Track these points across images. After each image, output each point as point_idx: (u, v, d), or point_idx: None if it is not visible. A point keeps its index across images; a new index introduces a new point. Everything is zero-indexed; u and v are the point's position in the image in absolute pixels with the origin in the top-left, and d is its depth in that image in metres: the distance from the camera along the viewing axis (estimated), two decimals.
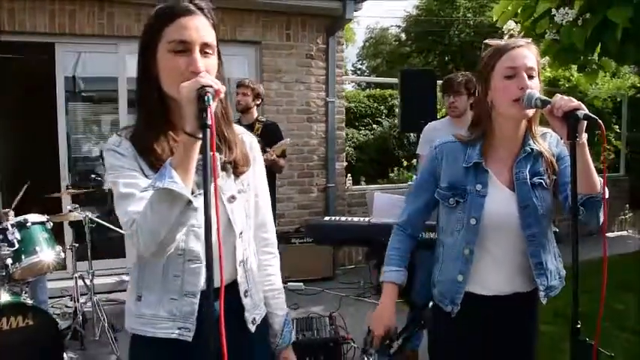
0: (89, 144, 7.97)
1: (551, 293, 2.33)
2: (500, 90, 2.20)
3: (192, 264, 1.80)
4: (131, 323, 1.87)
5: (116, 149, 1.78)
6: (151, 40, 1.75)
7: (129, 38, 6.81)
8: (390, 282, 2.44)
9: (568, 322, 2.29)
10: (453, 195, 2.33)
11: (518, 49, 2.20)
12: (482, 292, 2.33)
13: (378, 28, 34.81)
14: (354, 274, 7.32)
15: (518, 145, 2.30)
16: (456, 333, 2.40)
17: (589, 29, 4.96)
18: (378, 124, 14.20)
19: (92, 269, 5.26)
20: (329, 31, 7.91)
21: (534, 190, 2.26)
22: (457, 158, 2.34)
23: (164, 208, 1.58)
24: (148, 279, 1.84)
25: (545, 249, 2.31)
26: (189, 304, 1.81)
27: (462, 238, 2.31)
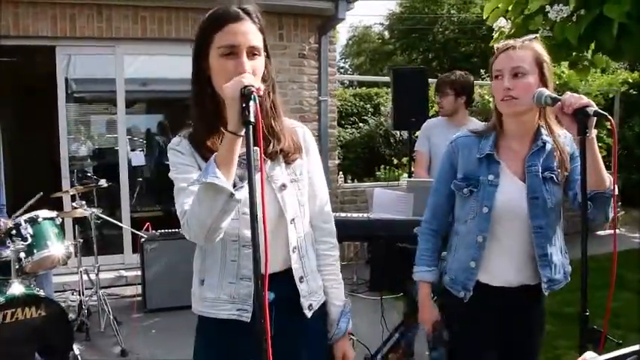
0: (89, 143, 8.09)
1: (554, 286, 2.40)
2: (493, 89, 2.40)
3: (247, 249, 1.90)
4: (197, 306, 2.03)
5: (176, 148, 1.94)
6: (203, 44, 1.89)
7: (126, 40, 6.99)
8: (424, 281, 2.60)
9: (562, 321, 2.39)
10: (467, 185, 2.43)
11: (506, 52, 2.33)
12: (490, 281, 2.42)
13: (362, 26, 34.69)
14: (347, 271, 7.31)
15: (531, 138, 2.39)
16: (470, 316, 2.48)
17: (583, 25, 4.89)
18: (364, 123, 14.19)
19: (98, 264, 5.41)
20: (321, 30, 7.97)
21: (545, 183, 2.34)
22: (471, 150, 2.44)
23: (209, 200, 1.71)
24: (208, 265, 1.99)
25: (551, 242, 2.38)
26: (246, 287, 1.94)
27: (476, 226, 2.40)
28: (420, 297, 2.62)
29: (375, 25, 34.64)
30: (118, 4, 6.88)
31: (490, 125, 2.48)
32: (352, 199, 8.55)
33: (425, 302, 2.61)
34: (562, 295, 2.47)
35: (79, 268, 5.42)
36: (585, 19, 4.83)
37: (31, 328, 4.10)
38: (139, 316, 5.87)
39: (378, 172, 11.92)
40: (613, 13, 4.63)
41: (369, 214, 4.06)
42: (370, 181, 10.97)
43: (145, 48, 7.38)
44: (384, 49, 31.26)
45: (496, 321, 2.45)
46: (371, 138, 13.68)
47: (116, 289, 6.66)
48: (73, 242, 5.18)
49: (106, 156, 8.36)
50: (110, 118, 7.96)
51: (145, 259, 6.02)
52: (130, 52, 7.32)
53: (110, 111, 7.84)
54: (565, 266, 2.46)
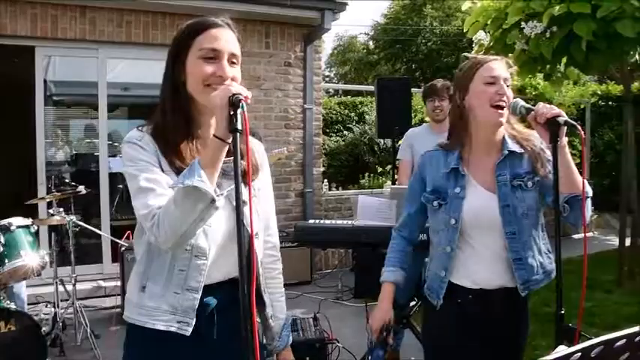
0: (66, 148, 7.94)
1: (531, 287, 2.44)
2: (479, 94, 2.36)
3: (198, 260, 1.86)
4: (131, 313, 1.93)
5: (138, 142, 1.85)
6: (181, 48, 1.87)
7: (110, 43, 6.86)
8: (385, 281, 2.63)
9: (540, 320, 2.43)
10: (436, 198, 2.48)
11: (497, 62, 2.40)
12: (469, 285, 2.45)
13: (347, 36, 34.96)
14: (332, 278, 7.37)
15: (498, 148, 2.44)
16: (443, 323, 2.53)
17: (556, 41, 5.23)
18: (349, 131, 14.28)
19: (75, 274, 5.24)
20: (307, 39, 8.02)
21: (514, 191, 2.38)
22: (439, 164, 2.50)
23: (189, 205, 1.66)
24: (154, 271, 1.89)
25: (525, 245, 2.41)
26: (190, 299, 1.86)
27: (445, 237, 2.46)
28: (380, 296, 2.65)
29: (360, 35, 35.02)
30: (102, 7, 6.77)
31: (455, 140, 2.51)
32: (337, 207, 8.55)
33: (382, 302, 2.63)
34: (541, 295, 2.51)
35: (55, 279, 5.21)
36: (558, 35, 5.18)
37: (0, 344, 3.92)
38: (118, 328, 5.64)
39: (363, 180, 12.05)
40: (582, 31, 5.01)
41: (354, 221, 4.11)
42: (355, 188, 11.08)
43: (128, 52, 7.25)
44: (369, 59, 31.64)
45: (474, 329, 2.46)
46: (355, 146, 13.86)
47: (94, 300, 6.46)
48: (48, 251, 5.00)
49: (85, 162, 8.19)
50: (90, 122, 7.81)
51: (126, 269, 5.81)
52: (114, 55, 7.19)
53: (90, 115, 7.69)
54: (545, 266, 2.49)
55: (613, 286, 6.98)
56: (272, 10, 7.45)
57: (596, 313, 5.81)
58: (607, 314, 5.83)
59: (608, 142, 12.53)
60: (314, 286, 7.29)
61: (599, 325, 5.37)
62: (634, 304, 6.24)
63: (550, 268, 2.50)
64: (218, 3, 6.76)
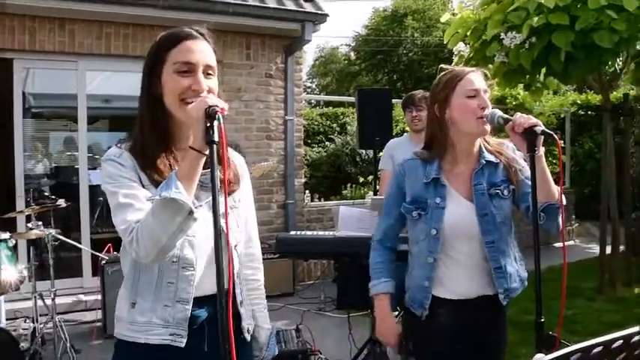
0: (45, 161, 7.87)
1: (511, 294, 2.46)
2: (463, 108, 2.38)
3: (186, 271, 1.86)
4: (122, 330, 1.91)
5: (117, 160, 1.85)
6: (156, 62, 1.86)
7: (89, 56, 6.81)
8: (381, 293, 2.61)
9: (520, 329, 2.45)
10: (415, 208, 2.48)
11: (475, 74, 2.43)
12: (450, 296, 2.46)
13: (328, 47, 35.08)
14: (314, 290, 7.35)
15: (475, 158, 2.47)
16: (427, 335, 2.52)
17: (535, 52, 5.30)
18: (331, 142, 14.29)
19: (54, 288, 5.16)
20: (288, 51, 8.02)
21: (492, 199, 2.41)
22: (418, 174, 2.50)
23: (167, 217, 1.67)
24: (142, 286, 1.89)
25: (504, 254, 2.44)
26: (182, 311, 1.86)
27: (426, 248, 2.46)
28: (378, 310, 2.63)
29: (342, 46, 35.17)
30: (81, 19, 6.72)
31: (435, 151, 2.52)
32: (319, 218, 8.54)
33: (385, 316, 2.62)
34: (521, 304, 2.54)
35: (34, 293, 5.12)
36: (537, 46, 5.22)
37: None
38: (99, 342, 5.58)
39: (345, 191, 12.04)
40: (560, 42, 5.11)
41: (335, 232, 4.09)
42: (337, 199, 11.07)
43: (108, 64, 7.22)
44: (350, 70, 31.74)
45: (456, 339, 2.47)
46: (337, 157, 13.86)
47: (74, 314, 6.40)
48: (27, 265, 4.94)
49: (64, 174, 8.13)
50: (70, 135, 7.76)
51: (106, 283, 5.77)
52: (93, 67, 7.15)
53: (70, 128, 7.65)
54: (520, 273, 2.53)
55: (594, 293, 7.03)
56: (253, 22, 7.44)
57: (578, 320, 5.86)
58: (589, 322, 5.87)
59: (587, 150, 12.66)
60: (296, 298, 7.26)
61: (581, 332, 5.39)
62: (615, 312, 6.31)
63: (524, 276, 2.54)
64: (198, 15, 6.76)
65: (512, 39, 5.33)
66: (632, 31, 5.02)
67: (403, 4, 30.26)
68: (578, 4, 5.09)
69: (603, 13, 4.94)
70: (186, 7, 6.78)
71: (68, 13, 6.55)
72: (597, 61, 5.45)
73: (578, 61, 5.30)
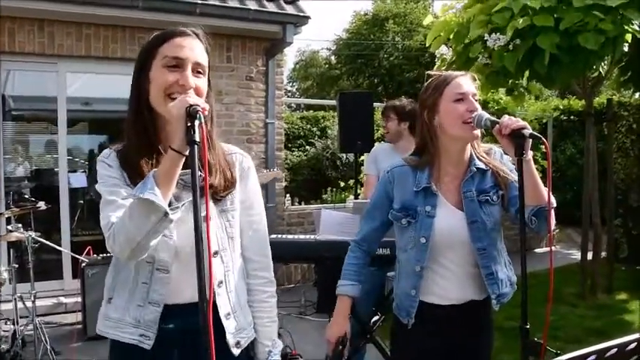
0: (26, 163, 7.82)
1: (503, 300, 2.47)
2: (450, 113, 2.36)
3: (160, 273, 1.86)
4: (99, 325, 1.94)
5: (105, 160, 1.88)
6: (146, 59, 1.85)
7: (69, 57, 6.78)
8: (343, 295, 2.61)
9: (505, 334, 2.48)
10: (404, 216, 2.46)
11: (463, 77, 2.41)
12: (439, 301, 2.46)
13: (309, 50, 35.02)
14: (294, 293, 7.32)
15: (465, 165, 2.45)
16: (413, 343, 2.53)
17: (520, 54, 5.25)
18: (311, 146, 14.28)
19: (34, 290, 5.15)
20: (269, 53, 8.03)
21: (482, 206, 2.40)
22: (407, 182, 2.48)
23: (142, 217, 1.66)
24: (120, 284, 1.91)
25: (495, 260, 2.44)
26: (152, 312, 1.86)
27: (414, 256, 2.44)
28: (336, 310, 2.63)
29: (322, 49, 35.09)
30: (61, 20, 6.69)
31: (426, 158, 2.49)
32: (299, 222, 8.55)
33: (339, 317, 2.62)
34: (505, 310, 2.54)
35: (14, 296, 5.11)
36: (521, 48, 5.16)
37: None
38: (79, 345, 5.58)
39: (325, 195, 12.01)
40: (545, 44, 5.05)
41: (316, 235, 4.08)
42: (317, 203, 11.06)
43: (88, 66, 7.16)
44: (331, 74, 31.65)
45: (444, 345, 2.48)
46: (318, 161, 13.81)
47: (54, 316, 6.37)
48: (7, 268, 4.93)
49: (45, 177, 8.06)
50: (50, 137, 7.71)
51: (86, 285, 5.77)
52: (73, 70, 7.10)
53: (50, 130, 7.60)
54: (510, 278, 2.53)
55: (576, 299, 7.06)
56: (233, 24, 7.44)
57: (560, 326, 5.88)
58: (571, 328, 5.91)
59: (569, 156, 12.71)
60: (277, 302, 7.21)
61: (563, 338, 5.45)
62: (597, 318, 6.36)
63: (514, 280, 2.55)
64: (178, 16, 6.77)
65: (495, 40, 5.26)
66: (618, 30, 4.99)
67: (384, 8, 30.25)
68: (563, 6, 5.06)
69: (589, 14, 4.90)
70: (166, 8, 6.77)
71: (47, 14, 6.54)
72: (582, 65, 5.42)
73: (562, 64, 5.25)
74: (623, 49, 5.29)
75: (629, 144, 9.55)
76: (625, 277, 7.97)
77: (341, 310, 2.62)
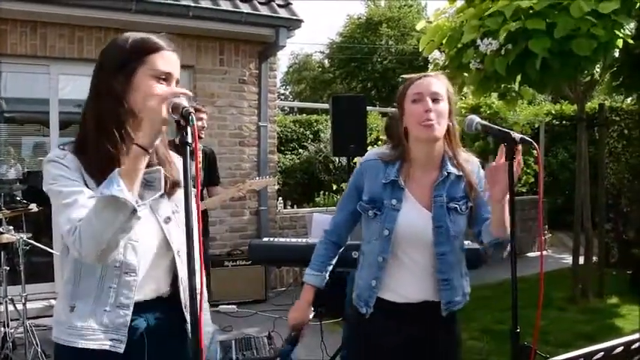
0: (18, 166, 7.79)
1: (452, 307, 2.50)
2: (410, 114, 2.43)
3: (128, 276, 1.88)
4: (60, 334, 1.90)
5: (60, 161, 1.86)
6: (129, 62, 1.86)
7: (62, 60, 6.75)
8: (308, 284, 2.69)
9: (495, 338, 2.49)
10: (371, 208, 2.51)
11: (425, 78, 2.44)
12: (393, 298, 2.50)
13: (302, 54, 35.08)
14: (286, 296, 7.33)
15: (436, 168, 2.48)
16: (368, 335, 2.57)
17: (511, 58, 5.27)
18: (304, 149, 14.28)
19: (25, 293, 5.13)
20: (262, 57, 8.02)
21: (449, 213, 2.44)
22: (377, 175, 2.51)
23: (109, 215, 1.67)
24: (83, 290, 1.88)
25: (453, 267, 2.48)
26: (122, 316, 1.88)
27: (377, 247, 2.49)
28: (300, 297, 2.71)
29: (316, 53, 35.17)
30: (53, 22, 6.67)
31: (397, 153, 2.54)
32: (291, 225, 8.54)
33: (302, 303, 2.69)
34: (494, 313, 2.55)
35: (4, 298, 5.10)
36: (513, 52, 5.18)
37: None
38: None
39: (318, 198, 12.02)
40: (537, 48, 5.05)
41: (308, 238, 4.08)
42: (309, 206, 11.03)
43: (80, 69, 7.09)
44: (324, 77, 31.76)
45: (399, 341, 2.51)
46: (310, 164, 13.83)
47: (45, 319, 6.33)
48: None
49: (37, 179, 8.05)
50: (43, 140, 7.70)
51: None
52: (65, 72, 7.08)
53: (43, 132, 7.58)
54: (464, 288, 2.57)
55: (567, 304, 7.09)
56: (226, 27, 7.42)
57: (550, 331, 5.90)
58: (561, 332, 5.92)
59: (561, 161, 12.78)
60: (268, 304, 7.25)
61: (553, 343, 5.46)
62: (588, 322, 6.38)
63: (467, 291, 2.59)
64: (171, 19, 6.78)
65: (488, 45, 5.30)
66: (610, 36, 5.00)
67: (378, 11, 30.40)
68: (555, 11, 5.07)
69: (582, 20, 4.92)
70: (159, 11, 6.76)
71: (40, 16, 6.51)
72: (574, 69, 5.45)
73: (553, 69, 5.27)
74: (614, 54, 5.31)
75: (620, 149, 9.62)
76: (616, 281, 7.98)
77: (304, 297, 2.69)
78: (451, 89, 2.49)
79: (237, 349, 4.39)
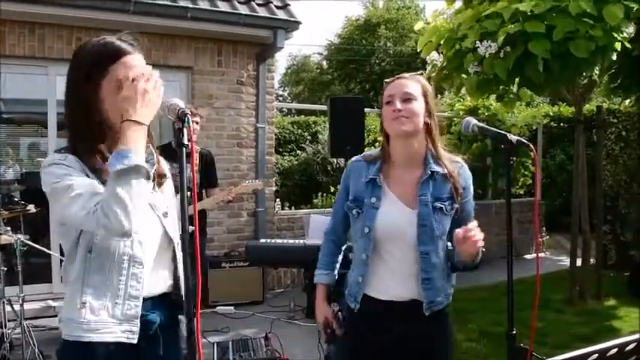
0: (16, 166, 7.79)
1: (434, 307, 2.51)
2: (383, 115, 2.55)
3: (135, 268, 1.95)
4: (72, 331, 1.93)
5: (62, 162, 1.90)
6: (94, 73, 1.90)
7: (60, 61, 6.73)
8: (319, 283, 2.81)
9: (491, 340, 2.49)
10: (355, 207, 2.60)
11: (398, 80, 2.55)
12: (379, 296, 2.55)
13: (301, 55, 35.08)
14: (284, 298, 7.33)
15: (419, 166, 2.54)
16: (358, 329, 2.64)
17: (511, 61, 5.24)
18: (302, 150, 14.30)
19: (23, 293, 5.13)
20: (260, 58, 8.01)
21: (434, 212, 2.47)
22: (361, 174, 2.61)
23: (131, 182, 1.73)
24: (93, 287, 1.92)
25: (435, 267, 2.49)
26: (133, 308, 1.94)
27: (361, 245, 2.57)
28: (317, 297, 2.81)
29: (314, 55, 35.14)
30: (51, 23, 6.67)
31: (378, 152, 2.65)
32: (289, 226, 8.53)
33: (320, 302, 2.79)
34: (491, 315, 2.56)
35: (2, 299, 5.11)
36: (512, 55, 5.15)
37: None
38: None
39: (316, 199, 12.04)
40: (537, 50, 5.02)
41: (305, 240, 4.09)
42: (307, 208, 11.02)
43: None
44: (323, 79, 31.74)
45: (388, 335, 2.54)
46: (308, 165, 13.85)
47: (43, 320, 6.33)
48: None
49: (35, 180, 8.00)
50: (41, 140, 7.69)
51: None
52: (63, 73, 6.94)
53: (41, 133, 7.58)
54: (447, 289, 2.59)
55: (564, 305, 7.09)
56: (224, 28, 7.42)
57: (548, 332, 5.91)
58: (558, 334, 5.93)
59: (559, 163, 12.81)
60: (266, 306, 7.26)
61: (551, 344, 5.46)
62: (585, 324, 6.38)
63: (449, 292, 2.62)
64: (169, 21, 6.79)
65: (487, 48, 5.27)
66: (608, 39, 5.00)
67: (376, 13, 30.41)
68: (554, 13, 5.06)
69: (580, 22, 4.90)
70: (157, 13, 6.76)
71: (38, 17, 6.51)
72: (572, 71, 5.44)
73: (552, 71, 5.26)
74: (612, 56, 5.30)
75: (618, 151, 9.60)
76: (613, 283, 7.99)
77: (319, 297, 2.79)
78: (428, 89, 2.56)
79: (235, 351, 4.39)
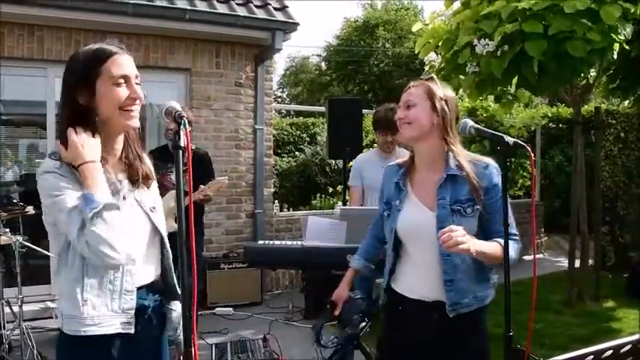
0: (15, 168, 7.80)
1: (459, 309, 2.53)
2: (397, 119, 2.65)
3: (129, 265, 2.08)
4: (73, 326, 2.02)
5: (57, 171, 1.99)
6: (89, 76, 2.00)
7: (59, 62, 6.72)
8: (350, 267, 3.02)
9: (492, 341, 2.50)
10: (386, 209, 2.76)
11: (412, 87, 2.64)
12: (408, 294, 2.65)
13: (299, 56, 35.07)
14: (282, 299, 7.33)
15: (440, 168, 2.59)
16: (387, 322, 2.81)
17: (507, 60, 5.23)
18: (301, 152, 14.31)
19: (21, 295, 5.13)
20: (258, 60, 8.01)
21: (453, 215, 2.50)
22: (392, 178, 2.75)
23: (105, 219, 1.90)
24: (89, 284, 2.02)
25: (457, 269, 2.51)
26: (128, 301, 2.08)
27: (390, 244, 2.72)
28: (344, 277, 3.02)
29: (312, 56, 35.13)
30: (50, 25, 6.68)
31: (407, 158, 2.77)
32: (287, 228, 8.54)
33: (343, 283, 3.00)
34: (493, 317, 2.56)
35: (1, 300, 5.12)
36: (509, 54, 5.13)
37: None
38: None
39: (314, 201, 12.05)
40: (533, 51, 4.98)
41: (303, 242, 4.07)
42: (306, 209, 11.06)
43: None
44: (321, 80, 31.74)
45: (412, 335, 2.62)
46: (307, 167, 13.86)
47: (42, 321, 6.34)
48: None
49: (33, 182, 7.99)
50: (40, 142, 7.71)
51: None
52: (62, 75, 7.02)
53: (40, 135, 7.60)
54: (476, 292, 2.58)
55: (563, 307, 7.07)
56: (222, 30, 7.42)
57: (546, 334, 5.90)
58: (557, 335, 5.92)
59: (558, 164, 12.80)
60: (264, 307, 7.26)
61: (549, 345, 5.46)
62: (584, 325, 6.37)
63: (483, 295, 2.61)
64: (167, 22, 6.79)
65: (484, 46, 5.24)
66: (606, 42, 4.96)
67: (374, 14, 30.40)
68: (552, 13, 5.02)
69: (577, 22, 4.86)
70: (155, 15, 6.77)
71: (37, 19, 6.52)
72: (570, 72, 5.40)
73: (550, 71, 5.24)
74: (612, 57, 5.28)
75: (616, 152, 9.60)
76: (612, 284, 7.97)
77: (345, 278, 3.02)
78: (435, 90, 2.58)
79: (233, 352, 4.40)
